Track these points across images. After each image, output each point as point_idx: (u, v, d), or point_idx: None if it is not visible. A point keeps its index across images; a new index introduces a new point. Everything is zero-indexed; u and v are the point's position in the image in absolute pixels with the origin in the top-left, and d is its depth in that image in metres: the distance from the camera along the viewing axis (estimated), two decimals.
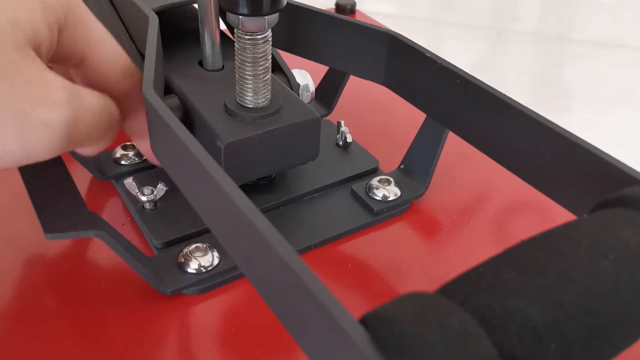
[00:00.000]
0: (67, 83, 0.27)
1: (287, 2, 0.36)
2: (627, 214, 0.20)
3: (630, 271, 0.18)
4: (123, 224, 0.40)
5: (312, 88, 0.45)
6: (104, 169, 0.43)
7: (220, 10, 0.38)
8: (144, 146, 0.33)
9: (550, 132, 0.28)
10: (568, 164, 0.28)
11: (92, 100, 0.28)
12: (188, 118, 0.38)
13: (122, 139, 0.44)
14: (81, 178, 0.43)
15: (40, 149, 0.26)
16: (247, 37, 0.34)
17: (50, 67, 0.27)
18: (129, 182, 0.39)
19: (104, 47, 0.30)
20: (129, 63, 0.31)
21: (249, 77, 0.35)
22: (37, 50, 0.26)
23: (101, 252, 0.37)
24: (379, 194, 0.41)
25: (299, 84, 0.43)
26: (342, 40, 0.39)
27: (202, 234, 0.37)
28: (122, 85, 0.31)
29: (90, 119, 0.27)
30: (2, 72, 0.24)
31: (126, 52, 0.32)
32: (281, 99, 0.38)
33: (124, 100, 0.32)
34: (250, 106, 0.36)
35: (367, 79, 0.39)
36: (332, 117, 0.50)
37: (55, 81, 0.26)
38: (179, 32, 0.44)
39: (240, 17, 0.33)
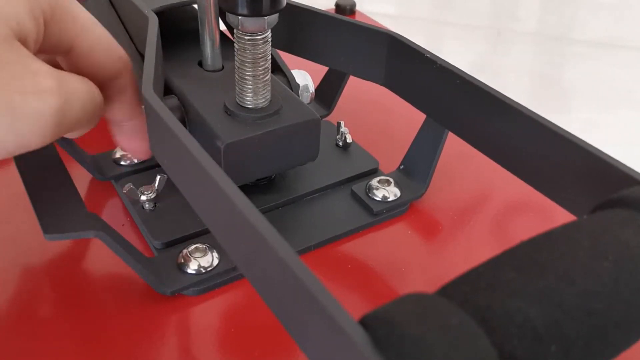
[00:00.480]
0: (55, 71, 0.27)
1: (287, 3, 0.36)
2: (627, 214, 0.20)
3: (630, 271, 0.18)
4: (123, 225, 0.40)
5: (312, 88, 0.45)
6: (104, 169, 0.43)
7: (220, 10, 0.38)
8: (123, 137, 0.33)
9: (550, 132, 0.28)
10: (568, 164, 0.28)
11: (79, 86, 0.28)
12: (188, 118, 0.38)
13: None
14: (81, 178, 0.43)
15: (33, 138, 0.26)
16: (246, 37, 0.34)
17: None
18: (131, 188, 0.38)
19: (92, 34, 0.30)
20: (116, 46, 0.31)
21: (248, 77, 0.35)
22: (24, 43, 0.26)
23: (101, 252, 0.37)
24: (378, 195, 0.41)
25: (298, 85, 0.43)
26: (342, 41, 0.39)
27: (201, 235, 0.37)
28: (112, 70, 0.31)
29: (78, 104, 0.27)
30: None
31: (125, 52, 0.32)
32: (281, 99, 0.38)
33: (112, 85, 0.32)
34: (250, 107, 0.36)
35: (367, 80, 0.39)
36: (332, 118, 0.49)
37: (43, 70, 0.26)
38: (178, 32, 0.44)
39: (239, 17, 0.33)
